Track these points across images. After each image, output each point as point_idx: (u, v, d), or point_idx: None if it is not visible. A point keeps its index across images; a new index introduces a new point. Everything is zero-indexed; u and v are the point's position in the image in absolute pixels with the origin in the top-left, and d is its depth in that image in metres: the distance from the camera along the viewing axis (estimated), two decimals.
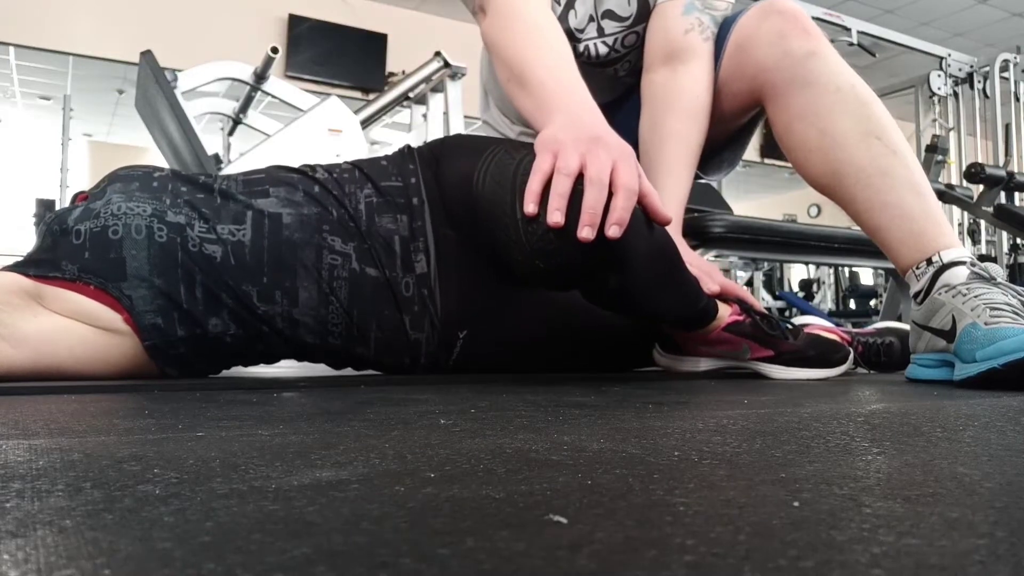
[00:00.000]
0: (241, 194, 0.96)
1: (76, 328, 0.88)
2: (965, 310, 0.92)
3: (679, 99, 1.17)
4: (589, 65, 1.25)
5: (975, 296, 0.92)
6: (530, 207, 0.77)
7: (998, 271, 0.96)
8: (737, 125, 1.28)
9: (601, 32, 1.24)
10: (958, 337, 0.92)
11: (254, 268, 0.92)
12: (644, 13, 1.22)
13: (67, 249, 0.89)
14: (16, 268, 0.90)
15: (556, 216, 0.75)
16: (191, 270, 0.90)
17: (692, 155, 1.17)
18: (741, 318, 1.05)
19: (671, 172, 1.15)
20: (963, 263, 0.96)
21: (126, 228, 0.89)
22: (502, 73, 0.98)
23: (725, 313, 1.05)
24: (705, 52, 1.18)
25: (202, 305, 0.91)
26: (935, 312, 0.97)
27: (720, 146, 1.30)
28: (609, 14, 1.22)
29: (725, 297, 1.07)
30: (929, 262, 0.99)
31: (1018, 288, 0.93)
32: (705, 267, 1.10)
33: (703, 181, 1.35)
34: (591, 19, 1.23)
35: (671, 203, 1.13)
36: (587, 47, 1.24)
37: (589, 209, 0.75)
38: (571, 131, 0.81)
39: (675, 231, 1.13)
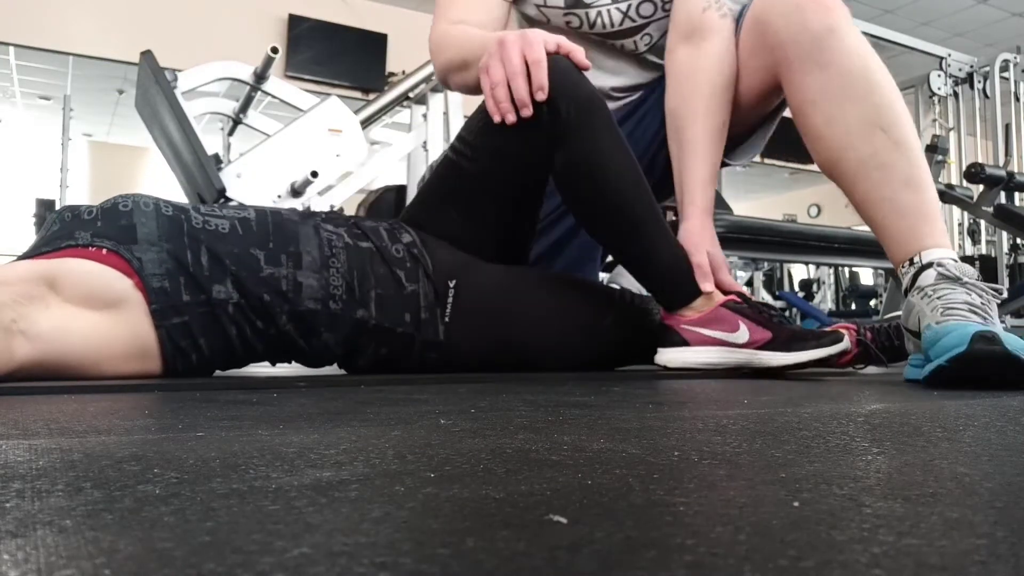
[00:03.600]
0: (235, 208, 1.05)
1: (86, 316, 0.89)
2: (927, 311, 0.94)
3: (701, 77, 1.17)
4: (608, 37, 1.26)
5: (937, 297, 0.94)
6: (496, 118, 1.00)
7: (968, 271, 0.96)
8: (760, 109, 1.26)
9: None
10: (922, 338, 0.94)
11: (260, 236, 0.99)
12: None
13: (79, 224, 0.94)
14: (28, 254, 0.93)
15: (496, 117, 0.99)
16: (197, 238, 0.95)
17: (716, 131, 1.18)
18: (739, 301, 1.07)
19: (696, 151, 1.16)
20: (932, 265, 0.97)
21: (135, 203, 0.96)
22: (453, 77, 1.18)
23: (719, 297, 1.08)
24: (723, 28, 1.18)
25: (207, 271, 0.94)
26: (909, 313, 0.99)
27: (746, 131, 1.29)
28: None
29: (724, 288, 1.09)
30: (911, 262, 1.00)
31: (985, 286, 0.94)
32: (717, 259, 1.12)
33: (729, 166, 1.36)
34: None
35: (695, 182, 1.15)
36: (600, 13, 1.25)
37: (497, 102, 0.98)
38: (490, 51, 1.01)
39: (703, 212, 1.15)
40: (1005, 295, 0.98)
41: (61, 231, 0.94)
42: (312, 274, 0.98)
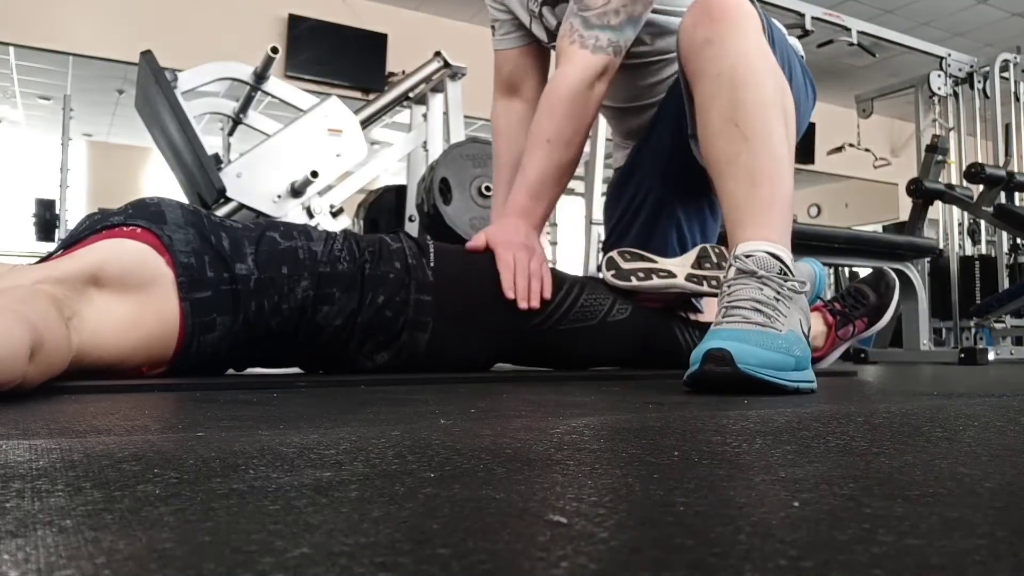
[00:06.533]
0: None
1: (118, 305, 0.93)
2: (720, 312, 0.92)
3: (547, 95, 1.28)
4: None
5: (728, 294, 0.91)
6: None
7: (768, 263, 0.92)
8: None
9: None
10: None
11: (271, 224, 1.14)
12: None
13: (111, 215, 1.02)
14: (66, 245, 0.98)
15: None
16: (218, 228, 1.06)
17: (541, 138, 1.27)
18: None
19: (527, 152, 1.30)
20: (736, 259, 0.94)
21: (160, 199, 1.07)
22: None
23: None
24: (571, 54, 1.27)
25: (230, 251, 1.04)
26: None
27: None
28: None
29: None
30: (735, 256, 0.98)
31: (782, 280, 0.90)
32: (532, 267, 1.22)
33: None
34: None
35: (516, 188, 1.30)
36: (544, 22, 1.47)
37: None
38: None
39: (517, 215, 1.28)
40: (808, 287, 0.92)
41: (93, 224, 1.01)
42: (320, 243, 1.13)
